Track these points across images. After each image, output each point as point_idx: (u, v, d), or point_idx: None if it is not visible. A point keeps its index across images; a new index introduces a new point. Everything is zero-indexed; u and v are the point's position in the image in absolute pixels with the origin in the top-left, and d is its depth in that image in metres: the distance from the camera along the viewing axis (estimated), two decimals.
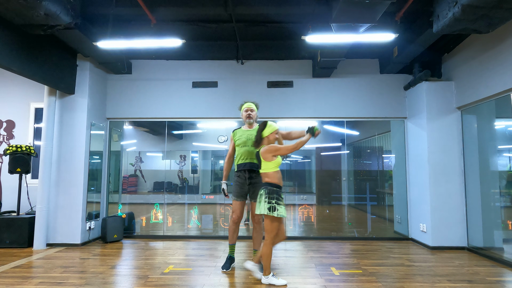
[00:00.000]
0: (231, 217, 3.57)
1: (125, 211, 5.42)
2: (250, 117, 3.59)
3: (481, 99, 4.15)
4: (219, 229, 5.33)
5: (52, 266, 3.68)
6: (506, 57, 3.69)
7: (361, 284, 3.10)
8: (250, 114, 3.59)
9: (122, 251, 4.40)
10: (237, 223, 3.56)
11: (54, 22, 3.44)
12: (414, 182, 5.01)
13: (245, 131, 3.60)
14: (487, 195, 4.24)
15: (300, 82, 5.34)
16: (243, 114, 3.64)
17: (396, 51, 4.68)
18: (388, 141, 5.58)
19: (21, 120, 5.43)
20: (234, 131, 3.67)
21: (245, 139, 3.53)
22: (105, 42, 3.95)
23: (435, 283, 3.14)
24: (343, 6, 3.12)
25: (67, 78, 4.65)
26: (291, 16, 4.37)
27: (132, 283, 3.13)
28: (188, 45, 5.05)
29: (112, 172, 5.49)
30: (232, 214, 3.55)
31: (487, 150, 4.29)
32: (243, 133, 3.59)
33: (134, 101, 5.36)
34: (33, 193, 5.13)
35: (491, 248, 4.14)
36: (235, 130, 3.67)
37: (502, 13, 3.04)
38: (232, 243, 3.59)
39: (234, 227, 3.55)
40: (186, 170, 5.87)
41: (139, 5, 3.88)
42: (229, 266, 3.53)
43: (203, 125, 5.70)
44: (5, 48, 3.54)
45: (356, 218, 5.40)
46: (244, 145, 3.52)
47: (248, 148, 3.51)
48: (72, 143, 4.75)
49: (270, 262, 3.13)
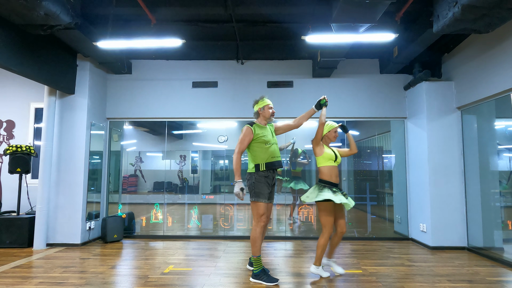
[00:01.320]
0: (262, 221, 3.18)
1: (125, 211, 5.42)
2: (273, 114, 3.39)
3: (481, 99, 4.15)
4: (219, 229, 5.33)
5: (52, 266, 3.68)
6: (506, 57, 3.69)
7: (361, 284, 3.10)
8: (273, 111, 3.40)
9: (122, 251, 4.40)
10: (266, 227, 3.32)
11: (54, 22, 3.44)
12: (414, 182, 5.01)
13: (264, 127, 3.33)
14: (487, 195, 4.24)
15: (300, 82, 5.34)
16: (266, 111, 3.33)
17: (396, 51, 4.68)
18: (388, 141, 5.58)
19: (21, 120, 5.43)
20: (253, 126, 3.27)
21: (270, 136, 3.32)
22: (105, 42, 3.95)
23: (435, 283, 3.14)
24: (343, 6, 3.12)
25: (67, 78, 4.65)
26: (291, 16, 4.37)
27: (132, 283, 3.13)
28: (188, 45, 5.05)
29: (112, 172, 5.49)
30: (262, 217, 3.17)
31: (487, 150, 4.29)
32: (264, 129, 3.31)
33: (134, 101, 5.36)
34: (33, 193, 5.13)
35: (491, 248, 4.13)
36: (254, 126, 3.27)
37: (502, 13, 3.04)
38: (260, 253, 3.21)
39: (264, 232, 3.27)
40: (186, 170, 5.87)
41: (139, 5, 3.88)
42: (274, 277, 3.17)
43: (203, 125, 5.70)
44: (5, 48, 3.54)
45: (356, 218, 5.40)
46: (272, 142, 3.30)
47: (276, 146, 3.35)
48: (72, 143, 4.75)
49: (323, 254, 3.26)
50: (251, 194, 3.23)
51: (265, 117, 3.36)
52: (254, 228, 3.20)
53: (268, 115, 3.35)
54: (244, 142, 3.22)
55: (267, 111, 3.35)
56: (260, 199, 3.18)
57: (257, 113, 3.39)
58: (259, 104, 3.37)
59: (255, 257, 3.17)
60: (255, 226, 3.19)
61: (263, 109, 3.35)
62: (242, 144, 3.22)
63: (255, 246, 3.16)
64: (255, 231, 3.18)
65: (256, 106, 3.39)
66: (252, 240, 3.18)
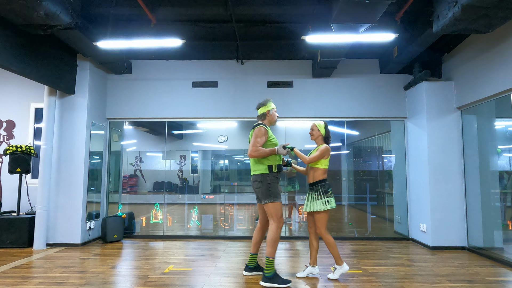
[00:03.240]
0: (281, 222, 3.14)
1: (125, 211, 5.42)
2: (277, 118, 3.45)
3: (481, 99, 4.15)
4: (219, 229, 5.33)
5: (52, 266, 3.68)
6: (506, 57, 3.69)
7: (361, 284, 3.10)
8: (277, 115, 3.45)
9: (122, 251, 4.40)
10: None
11: (54, 22, 3.44)
12: (414, 182, 5.01)
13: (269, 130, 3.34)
14: (487, 195, 4.24)
15: (300, 82, 5.34)
16: (273, 114, 3.36)
17: (396, 51, 4.67)
18: (388, 141, 5.58)
19: (21, 120, 5.43)
20: (267, 127, 3.26)
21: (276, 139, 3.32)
22: (105, 42, 3.95)
23: (435, 283, 3.14)
24: (343, 6, 3.12)
25: (67, 78, 4.65)
26: (291, 16, 4.37)
27: (132, 283, 3.13)
28: (188, 45, 5.05)
29: (112, 172, 5.49)
30: (281, 218, 3.15)
31: (487, 150, 4.29)
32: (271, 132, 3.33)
33: (134, 101, 5.36)
34: (33, 193, 5.13)
35: (491, 248, 4.13)
36: (267, 127, 3.27)
37: (502, 13, 3.04)
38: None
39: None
40: (186, 170, 5.87)
41: (139, 5, 3.88)
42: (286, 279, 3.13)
43: (203, 125, 5.70)
44: (5, 48, 3.54)
45: (356, 218, 5.40)
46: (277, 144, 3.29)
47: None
48: (72, 143, 4.75)
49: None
50: (267, 196, 3.12)
51: (270, 120, 3.37)
52: (274, 229, 3.10)
53: (274, 118, 3.38)
54: (260, 142, 3.15)
55: (274, 115, 3.38)
56: (278, 199, 3.14)
57: (264, 115, 3.35)
58: (267, 106, 3.35)
59: (271, 259, 3.08)
60: (276, 227, 3.10)
61: (270, 112, 3.35)
62: (259, 144, 3.14)
63: (274, 247, 3.10)
64: (276, 232, 3.10)
65: (263, 108, 3.35)
66: (272, 241, 3.08)
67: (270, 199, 3.12)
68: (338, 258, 3.25)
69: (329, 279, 3.26)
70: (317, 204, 3.21)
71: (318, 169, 3.29)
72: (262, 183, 3.14)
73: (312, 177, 3.32)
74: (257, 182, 3.18)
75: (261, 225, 3.37)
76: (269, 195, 3.12)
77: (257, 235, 3.36)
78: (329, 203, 3.20)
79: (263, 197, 3.14)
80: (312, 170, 3.33)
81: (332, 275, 3.26)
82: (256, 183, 3.19)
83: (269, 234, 3.12)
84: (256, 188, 3.20)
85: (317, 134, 3.38)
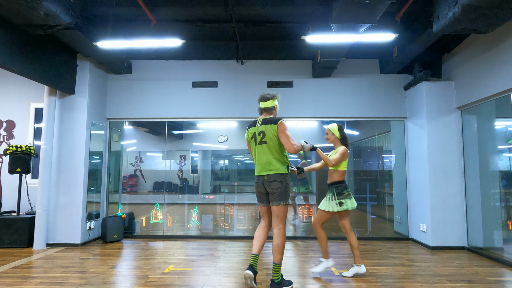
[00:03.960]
0: (284, 225, 2.98)
1: (125, 211, 5.42)
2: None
3: (481, 99, 4.15)
4: (219, 229, 5.33)
5: (52, 266, 3.68)
6: (506, 57, 3.69)
7: (361, 284, 3.10)
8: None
9: (122, 251, 4.40)
10: None
11: (54, 22, 3.44)
12: (414, 182, 5.01)
13: None
14: (487, 195, 4.24)
15: (300, 82, 5.34)
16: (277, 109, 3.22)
17: (396, 51, 4.67)
18: (388, 141, 5.58)
19: (21, 120, 5.43)
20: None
21: None
22: (105, 42, 3.95)
23: (435, 283, 3.14)
24: (343, 6, 3.12)
25: (67, 78, 4.65)
26: (291, 16, 4.37)
27: (132, 283, 3.13)
28: (188, 45, 5.05)
29: (112, 172, 5.49)
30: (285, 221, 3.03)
31: (487, 150, 4.29)
32: None
33: (134, 101, 5.36)
34: (33, 193, 5.13)
35: (491, 248, 4.14)
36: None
37: (502, 13, 3.04)
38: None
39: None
40: (186, 170, 5.87)
41: (139, 5, 3.89)
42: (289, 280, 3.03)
43: (203, 125, 5.70)
44: (5, 48, 3.54)
45: (356, 218, 5.40)
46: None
47: None
48: (72, 143, 4.75)
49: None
50: (284, 197, 2.92)
51: (275, 115, 3.17)
52: (283, 234, 2.91)
53: (277, 113, 3.20)
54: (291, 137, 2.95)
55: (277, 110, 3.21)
56: (289, 202, 3.00)
57: (273, 108, 3.12)
58: (276, 98, 3.14)
59: (279, 264, 2.89)
60: (284, 231, 2.93)
61: (278, 106, 3.20)
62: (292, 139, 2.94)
63: (282, 254, 2.91)
64: (284, 237, 2.91)
65: (273, 101, 3.11)
66: (280, 247, 2.88)
67: (285, 200, 2.92)
68: (325, 252, 3.40)
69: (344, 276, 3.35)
70: (330, 205, 3.32)
71: (335, 170, 3.36)
72: (282, 183, 2.90)
73: (329, 178, 3.43)
74: (276, 182, 2.90)
75: (267, 227, 3.10)
76: (286, 197, 2.92)
77: (264, 236, 3.05)
78: (345, 204, 3.26)
79: (279, 198, 2.90)
80: (330, 171, 3.43)
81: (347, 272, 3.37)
82: (275, 183, 2.90)
83: (278, 239, 2.89)
84: (274, 189, 2.90)
85: (332, 138, 3.44)
